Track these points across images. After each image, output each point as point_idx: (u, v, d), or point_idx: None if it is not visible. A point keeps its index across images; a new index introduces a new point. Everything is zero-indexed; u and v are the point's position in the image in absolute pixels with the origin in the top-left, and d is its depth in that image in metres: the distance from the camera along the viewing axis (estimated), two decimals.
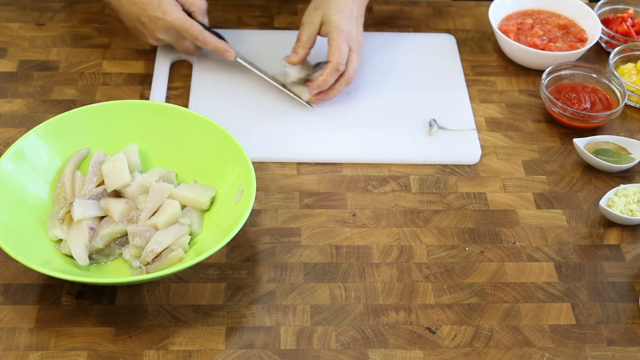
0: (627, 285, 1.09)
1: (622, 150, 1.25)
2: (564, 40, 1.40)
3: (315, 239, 1.12)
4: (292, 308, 1.04)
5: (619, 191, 1.18)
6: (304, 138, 1.24)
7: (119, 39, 1.39)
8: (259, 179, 1.15)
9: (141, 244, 1.04)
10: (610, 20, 1.45)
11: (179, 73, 1.34)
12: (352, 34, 1.27)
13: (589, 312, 1.06)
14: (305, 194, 1.17)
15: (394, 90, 1.34)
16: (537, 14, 1.45)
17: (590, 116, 1.28)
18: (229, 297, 1.05)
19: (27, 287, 1.04)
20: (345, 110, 1.29)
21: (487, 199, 1.19)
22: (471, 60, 1.41)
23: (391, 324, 1.03)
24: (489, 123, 1.30)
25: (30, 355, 0.98)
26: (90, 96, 1.29)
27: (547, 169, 1.24)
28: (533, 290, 1.08)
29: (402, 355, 1.00)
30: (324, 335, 1.01)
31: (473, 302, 1.06)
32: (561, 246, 1.13)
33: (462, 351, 1.01)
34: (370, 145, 1.24)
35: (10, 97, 1.28)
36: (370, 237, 1.13)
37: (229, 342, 1.00)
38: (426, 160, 1.23)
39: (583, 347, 1.02)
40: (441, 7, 1.51)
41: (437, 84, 1.35)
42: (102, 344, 0.99)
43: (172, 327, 1.01)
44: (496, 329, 1.03)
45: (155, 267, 1.02)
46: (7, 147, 1.12)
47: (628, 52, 1.38)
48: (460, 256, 1.11)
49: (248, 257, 1.09)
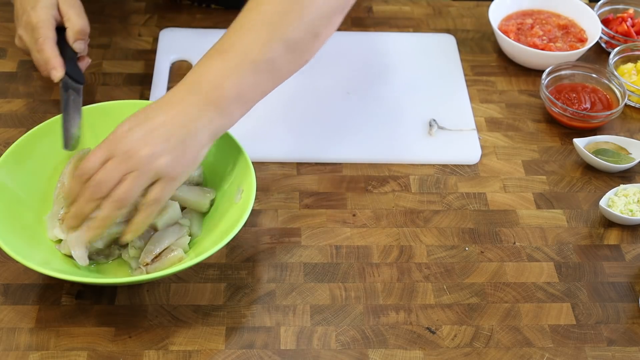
0: (627, 285, 1.09)
1: (622, 150, 1.25)
2: (564, 40, 1.40)
3: (315, 239, 1.12)
4: (292, 308, 1.04)
5: (619, 191, 1.18)
6: (304, 138, 1.24)
7: (119, 39, 1.39)
8: (259, 179, 1.15)
9: (140, 244, 1.04)
10: (610, 20, 1.45)
11: (179, 73, 1.34)
12: (133, 147, 0.95)
13: (589, 312, 1.06)
14: (305, 194, 1.17)
15: (394, 90, 1.34)
16: (537, 14, 1.45)
17: (590, 116, 1.28)
18: (229, 297, 1.05)
19: (27, 287, 1.04)
20: (345, 110, 1.29)
21: (487, 199, 1.19)
22: (471, 60, 1.41)
23: (391, 324, 1.03)
24: (489, 123, 1.30)
25: (30, 355, 0.98)
26: (90, 96, 1.29)
27: (547, 169, 1.24)
28: (533, 290, 1.08)
29: (402, 355, 1.00)
30: (324, 336, 1.01)
31: (473, 302, 1.06)
32: (561, 246, 1.13)
33: (462, 351, 1.01)
34: (370, 145, 1.24)
35: (10, 97, 1.28)
36: (370, 237, 1.13)
37: (229, 342, 1.00)
38: (426, 160, 1.23)
39: (583, 347, 1.02)
40: (441, 7, 1.51)
41: (437, 84, 1.35)
42: (102, 344, 0.99)
43: (172, 327, 1.01)
44: (496, 329, 1.03)
45: (155, 268, 1.02)
46: (7, 147, 1.11)
47: (628, 52, 1.38)
48: (460, 256, 1.11)
49: (248, 257, 1.09)
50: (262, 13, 1.01)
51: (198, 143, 0.97)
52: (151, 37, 1.40)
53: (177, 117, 0.97)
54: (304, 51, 1.04)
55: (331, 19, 1.04)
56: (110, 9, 1.45)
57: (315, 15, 1.02)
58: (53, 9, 1.16)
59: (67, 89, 1.12)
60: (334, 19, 1.05)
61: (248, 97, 1.01)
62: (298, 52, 1.03)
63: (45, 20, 1.14)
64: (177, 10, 1.45)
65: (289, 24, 1.00)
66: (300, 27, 1.01)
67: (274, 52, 1.00)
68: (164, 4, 1.46)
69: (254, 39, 1.00)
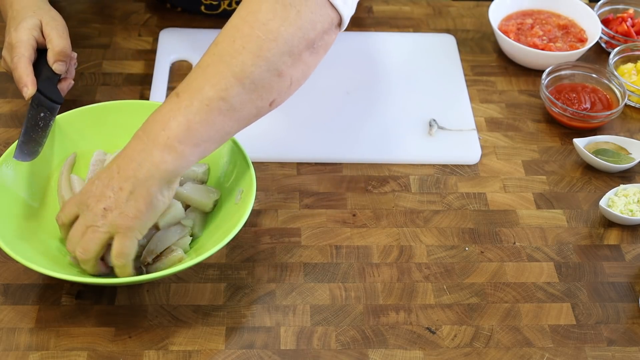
0: (627, 285, 1.09)
1: (622, 150, 1.25)
2: (564, 40, 1.40)
3: (315, 239, 1.12)
4: (292, 308, 1.04)
5: (619, 191, 1.18)
6: (304, 138, 1.24)
7: (119, 39, 1.39)
8: (259, 179, 1.15)
9: (142, 243, 1.03)
10: (610, 20, 1.45)
11: (179, 73, 1.34)
12: (90, 203, 0.97)
13: (589, 312, 1.06)
14: (305, 194, 1.17)
15: (394, 90, 1.34)
16: (537, 14, 1.45)
17: (590, 116, 1.28)
18: (229, 297, 1.05)
19: (27, 287, 1.04)
20: (345, 110, 1.29)
21: (487, 199, 1.19)
22: (471, 60, 1.41)
23: (391, 324, 1.03)
24: (489, 123, 1.30)
25: (30, 355, 0.98)
26: (90, 96, 1.29)
27: (547, 169, 1.24)
28: (533, 290, 1.08)
29: (402, 355, 1.00)
30: (324, 336, 1.01)
31: (473, 302, 1.06)
32: (561, 246, 1.13)
33: (462, 351, 1.01)
34: (370, 145, 1.24)
35: (11, 97, 1.28)
36: (370, 237, 1.13)
37: (229, 342, 1.00)
38: (426, 160, 1.23)
39: (583, 347, 1.02)
40: (441, 7, 1.51)
41: (437, 84, 1.35)
42: (102, 344, 0.99)
43: (172, 327, 1.01)
44: (496, 329, 1.03)
45: (155, 268, 1.02)
46: (7, 147, 1.12)
47: (628, 52, 1.38)
48: (460, 256, 1.11)
49: (248, 257, 1.09)
50: (218, 50, 0.97)
51: (148, 190, 0.95)
52: (151, 37, 1.40)
53: (123, 167, 0.96)
54: (267, 91, 0.98)
55: (297, 57, 0.98)
56: (110, 9, 1.45)
57: (275, 52, 0.96)
58: (35, 30, 1.15)
59: (38, 106, 1.11)
60: (301, 57, 0.98)
61: (200, 136, 0.96)
62: (260, 92, 0.97)
63: (24, 40, 1.14)
64: (177, 11, 1.45)
65: (244, 61, 0.95)
66: (258, 64, 0.95)
67: (228, 91, 0.95)
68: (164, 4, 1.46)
69: (208, 77, 0.96)
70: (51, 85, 1.14)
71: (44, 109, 1.11)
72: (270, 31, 0.96)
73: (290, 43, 0.97)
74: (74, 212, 0.99)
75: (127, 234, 0.96)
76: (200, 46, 1.07)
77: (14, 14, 1.17)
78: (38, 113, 1.11)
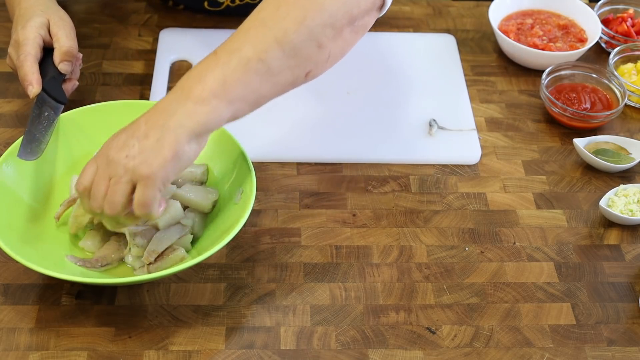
0: (627, 285, 1.09)
1: (622, 150, 1.25)
2: (564, 40, 1.40)
3: (315, 239, 1.12)
4: (292, 308, 1.04)
5: (619, 191, 1.18)
6: (304, 138, 1.24)
7: (119, 39, 1.39)
8: (259, 179, 1.15)
9: (143, 243, 1.04)
10: (610, 20, 1.45)
11: (179, 73, 1.33)
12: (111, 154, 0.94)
13: (589, 312, 1.06)
14: (305, 194, 1.17)
15: (394, 90, 1.34)
16: (537, 14, 1.45)
17: (590, 116, 1.28)
18: (229, 297, 1.05)
19: (27, 287, 1.04)
20: (345, 110, 1.29)
21: (487, 199, 1.19)
22: (471, 60, 1.41)
23: (391, 324, 1.03)
24: (489, 123, 1.30)
25: (30, 355, 0.98)
26: (90, 96, 1.29)
27: (547, 169, 1.24)
28: (533, 290, 1.08)
29: (402, 355, 1.00)
30: (324, 336, 1.01)
31: (473, 302, 1.06)
32: (561, 246, 1.13)
33: (462, 351, 1.01)
34: (370, 145, 1.24)
35: (10, 97, 1.28)
36: (370, 237, 1.13)
37: (229, 342, 1.00)
38: (426, 160, 1.23)
39: (583, 347, 1.02)
40: (441, 7, 1.51)
41: (437, 84, 1.35)
42: (102, 344, 0.99)
43: (172, 327, 1.01)
44: (496, 329, 1.03)
45: (157, 267, 1.02)
46: (7, 147, 1.12)
47: (628, 52, 1.38)
48: (460, 256, 1.11)
49: (248, 257, 1.09)
50: (261, 16, 0.98)
51: (176, 140, 0.92)
52: (151, 37, 1.40)
53: (154, 116, 0.94)
54: (305, 60, 0.98)
55: (338, 32, 0.99)
56: (110, 9, 1.45)
57: (318, 22, 0.97)
58: (42, 29, 1.15)
59: (42, 105, 1.12)
60: (342, 33, 0.99)
61: (235, 93, 0.95)
62: (298, 59, 0.97)
63: (30, 38, 1.13)
64: (177, 11, 1.45)
65: (287, 27, 0.96)
66: (300, 31, 0.96)
67: (268, 53, 0.95)
68: (164, 4, 1.46)
69: (249, 38, 0.96)
70: (56, 84, 1.14)
71: (48, 108, 1.12)
72: (316, 2, 0.97)
73: (334, 16, 0.98)
74: (94, 171, 0.95)
75: (148, 184, 0.92)
76: (201, 46, 1.08)
77: (22, 11, 1.17)
78: (42, 112, 1.11)
